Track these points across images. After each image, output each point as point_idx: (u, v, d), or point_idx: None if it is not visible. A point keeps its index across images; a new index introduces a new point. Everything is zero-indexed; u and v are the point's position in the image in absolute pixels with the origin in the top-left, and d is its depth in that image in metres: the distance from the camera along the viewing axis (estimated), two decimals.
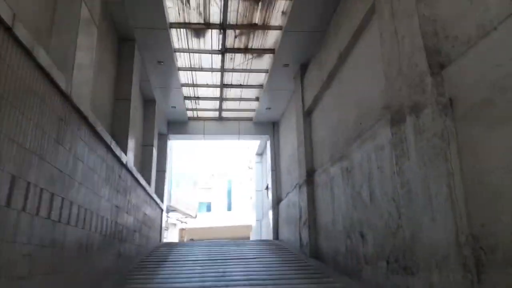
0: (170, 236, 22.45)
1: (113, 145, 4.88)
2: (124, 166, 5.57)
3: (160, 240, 9.76)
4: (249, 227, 22.13)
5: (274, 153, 11.01)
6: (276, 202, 10.59)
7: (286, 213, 9.39)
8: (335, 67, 5.76)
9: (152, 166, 8.54)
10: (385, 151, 3.92)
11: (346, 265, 4.97)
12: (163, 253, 7.39)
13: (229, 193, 71.94)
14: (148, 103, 8.87)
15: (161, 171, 10.63)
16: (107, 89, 5.96)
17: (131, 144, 6.21)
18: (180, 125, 11.00)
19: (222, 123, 11.21)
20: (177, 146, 21.17)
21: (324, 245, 6.06)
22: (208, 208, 69.00)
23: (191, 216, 23.01)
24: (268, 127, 11.25)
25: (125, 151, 5.87)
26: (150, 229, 8.10)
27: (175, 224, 22.19)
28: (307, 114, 7.49)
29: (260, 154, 14.84)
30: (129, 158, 5.90)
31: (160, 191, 10.42)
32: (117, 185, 5.23)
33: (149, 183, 8.22)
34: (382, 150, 3.99)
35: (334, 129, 5.92)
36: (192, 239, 24.01)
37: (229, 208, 68.58)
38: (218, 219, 35.39)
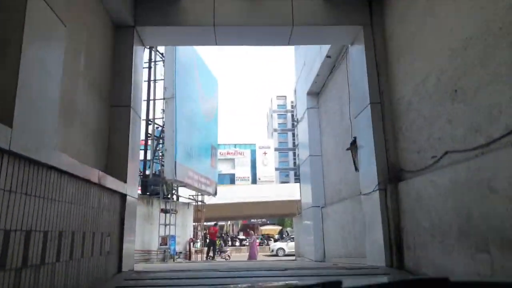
0: (181, 220, 17.06)
1: None
2: None
3: (119, 269, 3.99)
4: (293, 204, 15.77)
5: (379, 62, 4.78)
6: (388, 177, 4.47)
7: (453, 205, 3.25)
8: None
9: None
10: None
11: None
12: None
13: (254, 164, 67.23)
14: None
15: (123, 106, 4.67)
16: None
17: None
18: (162, 6, 4.88)
19: (253, 1, 4.97)
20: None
21: None
22: (232, 180, 64.81)
23: (209, 194, 17.42)
24: (357, 7, 4.96)
25: None
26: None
27: (188, 204, 16.68)
28: None
29: (317, 93, 8.64)
30: None
31: (119, 153, 4.51)
32: None
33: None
34: None
35: None
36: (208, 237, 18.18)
37: (254, 181, 63.99)
38: (244, 193, 29.81)
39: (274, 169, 70.62)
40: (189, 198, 16.78)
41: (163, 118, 13.64)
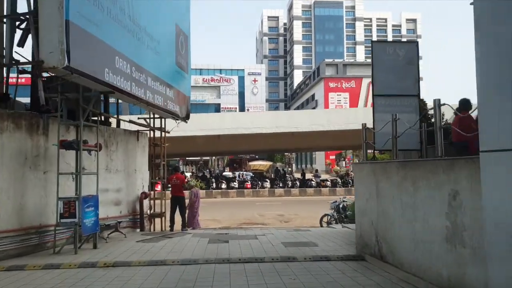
0: (123, 161, 9.65)
1: None
2: None
3: None
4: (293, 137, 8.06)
5: None
6: None
7: None
8: None
9: None
10: None
11: None
12: None
13: (242, 93, 59.43)
14: None
15: None
16: None
17: None
18: None
19: None
20: None
21: None
22: (217, 111, 57.29)
23: (175, 116, 9.81)
24: None
25: None
26: None
27: (137, 133, 9.27)
28: None
29: None
30: None
31: None
32: None
33: None
34: None
35: None
36: None
37: (242, 112, 56.44)
38: (235, 123, 22.45)
39: (264, 99, 63.14)
40: (133, 123, 9.21)
41: None
